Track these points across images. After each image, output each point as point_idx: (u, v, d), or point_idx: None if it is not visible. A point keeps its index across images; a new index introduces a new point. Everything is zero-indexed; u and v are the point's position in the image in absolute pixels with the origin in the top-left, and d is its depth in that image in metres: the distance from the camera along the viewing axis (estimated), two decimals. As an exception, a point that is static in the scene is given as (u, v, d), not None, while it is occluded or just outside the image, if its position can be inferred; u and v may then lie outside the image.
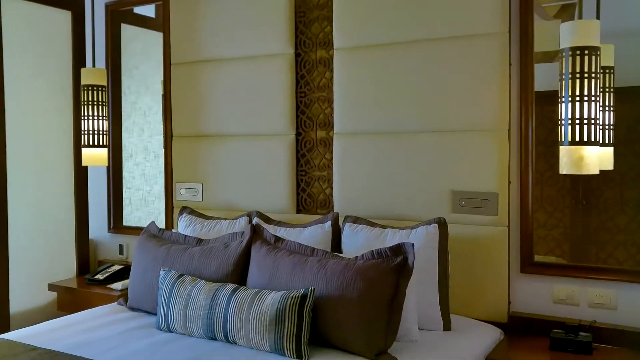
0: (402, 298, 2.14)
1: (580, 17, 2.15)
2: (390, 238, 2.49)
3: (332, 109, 2.95)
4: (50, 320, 2.64)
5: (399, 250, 2.17)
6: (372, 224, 2.64)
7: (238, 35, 3.18)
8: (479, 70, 2.58)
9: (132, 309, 2.72)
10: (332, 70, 2.96)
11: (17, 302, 3.38)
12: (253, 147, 3.16)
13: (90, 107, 3.34)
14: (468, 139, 2.61)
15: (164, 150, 3.51)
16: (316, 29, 3.04)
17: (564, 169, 2.14)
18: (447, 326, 2.42)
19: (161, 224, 3.43)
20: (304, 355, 2.08)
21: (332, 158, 2.96)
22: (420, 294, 2.35)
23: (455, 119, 2.63)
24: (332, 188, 2.99)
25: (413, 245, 2.16)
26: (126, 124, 3.84)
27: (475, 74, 2.58)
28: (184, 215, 3.12)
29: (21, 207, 3.43)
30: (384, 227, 2.60)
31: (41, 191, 3.57)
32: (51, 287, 3.48)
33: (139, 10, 3.85)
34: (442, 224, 2.46)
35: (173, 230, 2.99)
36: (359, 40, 2.84)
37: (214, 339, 2.28)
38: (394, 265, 2.13)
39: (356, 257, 2.24)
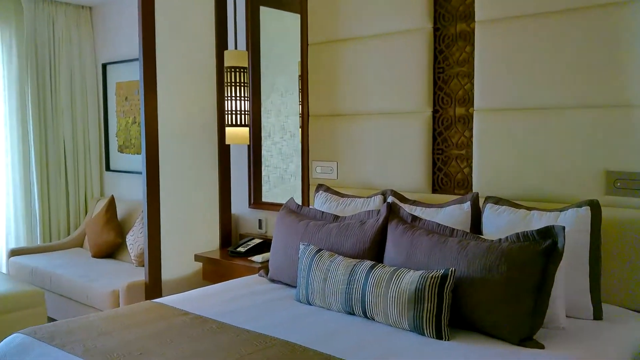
0: (551, 283, 2.03)
1: None
2: (537, 220, 2.36)
3: (472, 84, 2.84)
4: (198, 289, 2.81)
5: (548, 233, 2.05)
6: (516, 206, 2.51)
7: (375, 12, 3.15)
8: (641, 39, 2.34)
9: (273, 280, 2.83)
10: (473, 44, 2.84)
11: (168, 271, 3.65)
12: (388, 126, 3.13)
13: (232, 88, 3.48)
14: (625, 115, 2.38)
15: (300, 129, 3.59)
16: (456, 1, 2.92)
17: None
18: (598, 315, 2.25)
19: (297, 200, 3.52)
20: (444, 336, 2.04)
21: (472, 136, 2.85)
22: (569, 280, 2.21)
23: (613, 93, 2.41)
24: (470, 167, 2.89)
25: (564, 228, 2.03)
26: (265, 104, 3.96)
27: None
28: (320, 192, 3.18)
29: (171, 183, 3.66)
30: (529, 209, 2.47)
31: (188, 169, 3.79)
32: (197, 257, 3.72)
33: (277, -8, 3.94)
34: (595, 207, 2.29)
35: (310, 207, 3.05)
36: (504, 11, 2.69)
37: (352, 313, 2.31)
38: (543, 249, 2.02)
39: (500, 240, 2.15)
